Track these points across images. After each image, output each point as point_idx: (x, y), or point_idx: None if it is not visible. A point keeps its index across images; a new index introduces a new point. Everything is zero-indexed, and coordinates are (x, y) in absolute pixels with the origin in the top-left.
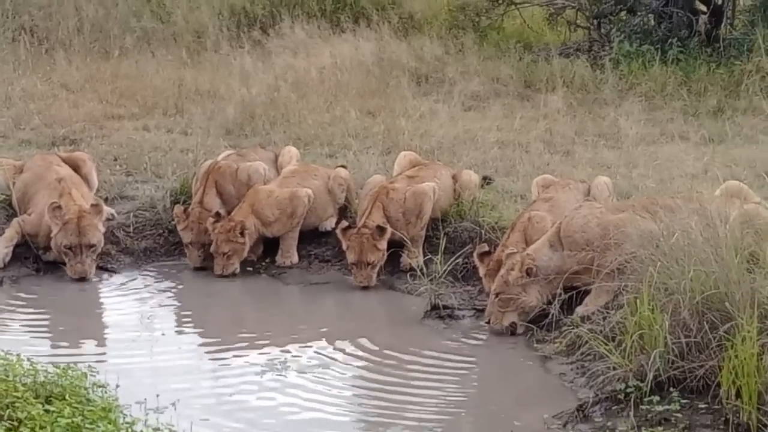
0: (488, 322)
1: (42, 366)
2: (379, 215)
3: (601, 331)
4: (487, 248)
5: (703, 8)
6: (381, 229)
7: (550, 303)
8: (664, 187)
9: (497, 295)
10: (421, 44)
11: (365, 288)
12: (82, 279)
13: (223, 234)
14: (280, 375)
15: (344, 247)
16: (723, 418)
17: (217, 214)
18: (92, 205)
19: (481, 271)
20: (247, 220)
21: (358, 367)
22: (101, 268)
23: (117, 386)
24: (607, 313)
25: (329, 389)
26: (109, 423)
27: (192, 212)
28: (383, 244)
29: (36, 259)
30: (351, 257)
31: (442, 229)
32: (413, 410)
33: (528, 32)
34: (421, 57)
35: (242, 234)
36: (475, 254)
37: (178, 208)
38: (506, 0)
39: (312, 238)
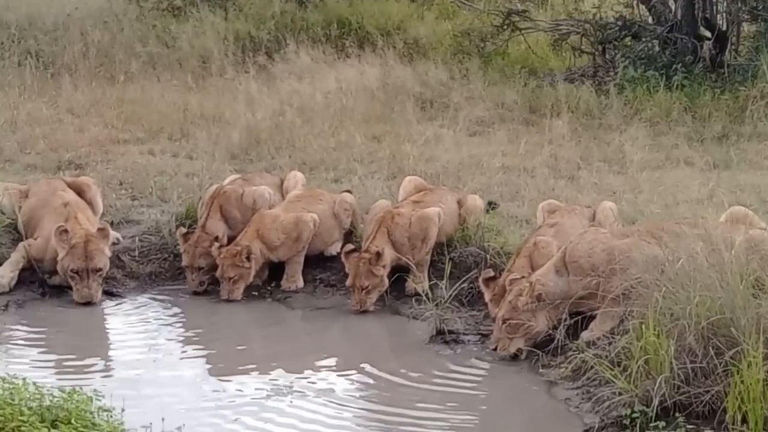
0: (495, 349)
1: (48, 390)
2: (383, 240)
3: (606, 356)
4: (492, 273)
5: (708, 34)
6: (378, 255)
7: (555, 328)
8: (670, 213)
9: (505, 321)
10: (426, 69)
11: (361, 312)
12: (89, 303)
13: (229, 259)
14: (285, 400)
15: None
16: None
17: (216, 238)
18: (99, 229)
19: (487, 297)
20: (253, 244)
21: (363, 392)
22: (107, 293)
23: (123, 410)
24: (613, 338)
25: (335, 414)
26: None
27: (192, 236)
28: (380, 270)
29: (41, 283)
30: (348, 281)
31: (447, 253)
32: None
33: (533, 58)
34: (426, 82)
35: (248, 259)
36: (480, 279)
37: (180, 231)
38: (511, 26)
39: (317, 262)
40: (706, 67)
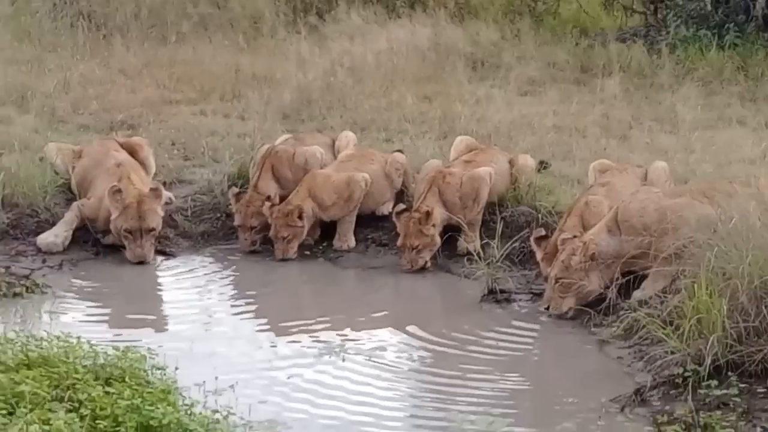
0: (547, 308)
1: (102, 348)
2: (434, 200)
3: (658, 316)
4: (543, 232)
5: None
6: (428, 214)
7: (607, 287)
8: (722, 172)
9: (558, 280)
10: (477, 29)
11: (412, 272)
12: (142, 262)
13: (282, 218)
14: (338, 358)
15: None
16: None
17: (268, 197)
18: (151, 189)
19: (539, 256)
20: (305, 204)
21: (415, 351)
22: (160, 252)
23: (176, 369)
24: (665, 297)
25: (386, 373)
26: (169, 405)
27: (244, 196)
28: (430, 230)
29: (95, 242)
30: (398, 240)
31: (498, 213)
32: (470, 394)
33: (584, 17)
34: (477, 42)
35: (300, 218)
36: (532, 239)
37: (233, 190)
38: None
39: (369, 222)
40: (759, 26)
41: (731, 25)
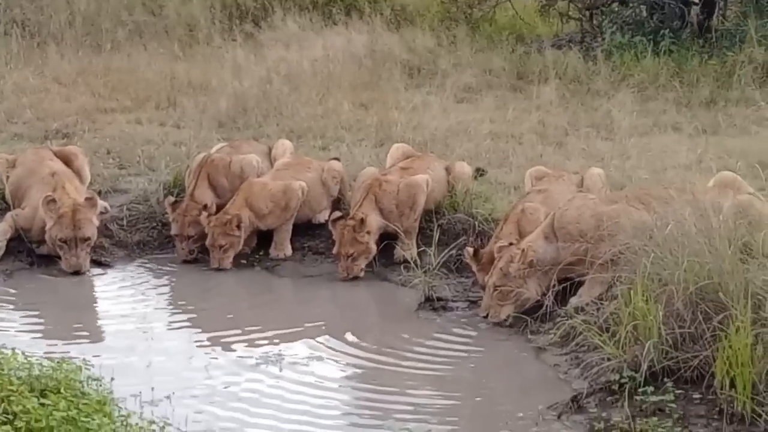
0: (486, 316)
1: (37, 359)
2: (370, 207)
3: (595, 322)
4: (475, 248)
5: None
6: (362, 222)
7: (544, 294)
8: (658, 178)
9: (496, 287)
10: (413, 36)
11: (348, 280)
12: (77, 272)
13: (220, 227)
14: (275, 368)
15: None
16: (717, 408)
17: (205, 206)
18: (86, 199)
19: (475, 267)
20: (242, 213)
21: (352, 359)
22: (95, 262)
23: (112, 379)
24: (601, 304)
25: (323, 381)
26: (105, 416)
27: (181, 204)
28: (365, 237)
29: (29, 252)
30: (334, 248)
31: (435, 220)
32: (408, 403)
33: (520, 24)
34: (413, 49)
35: (238, 227)
36: (465, 254)
37: (169, 199)
38: None
39: (306, 230)
40: (694, 32)
41: (666, 32)
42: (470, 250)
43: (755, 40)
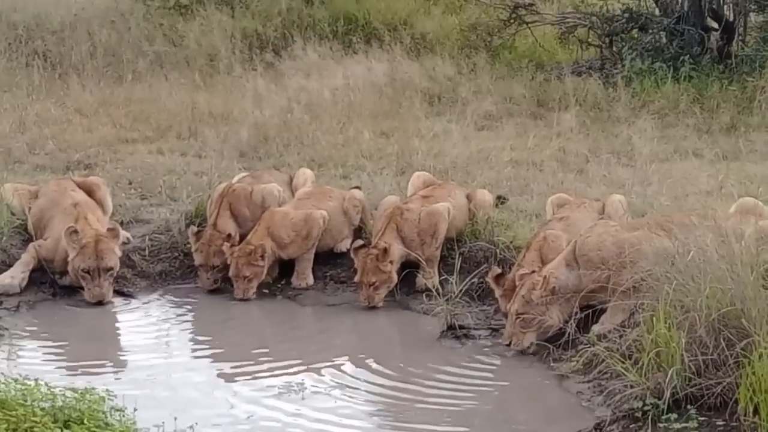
0: (508, 344)
1: (60, 390)
2: (392, 236)
3: (617, 350)
4: (500, 271)
5: (715, 25)
6: (385, 251)
7: (566, 322)
8: (679, 205)
9: (518, 315)
10: (433, 64)
11: (370, 308)
12: (100, 303)
13: (244, 257)
14: (297, 397)
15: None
16: None
17: (229, 236)
18: (109, 229)
19: (497, 293)
20: (265, 242)
21: (375, 388)
22: (118, 292)
23: (135, 410)
24: (624, 331)
25: (347, 411)
26: None
27: (204, 234)
28: (387, 266)
29: (52, 283)
30: (356, 277)
31: (457, 249)
32: (430, 430)
33: (540, 51)
34: (433, 77)
35: (262, 258)
36: (489, 277)
37: (192, 230)
38: (518, 19)
39: (327, 259)
40: (714, 58)
41: (686, 58)
42: (495, 270)
43: None
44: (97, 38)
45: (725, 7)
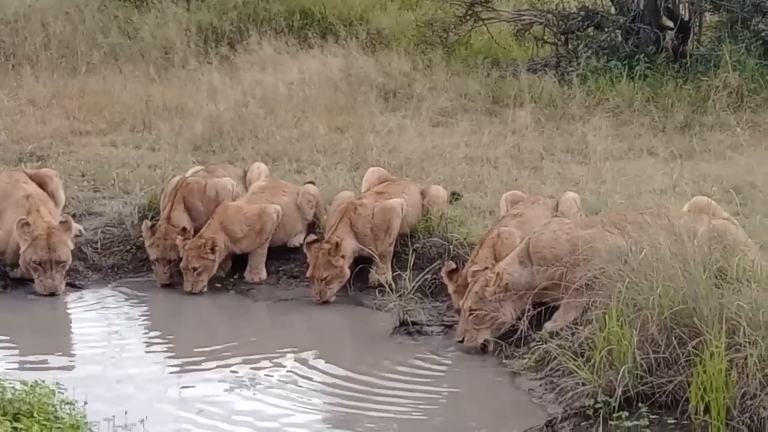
0: (461, 341)
1: (9, 383)
2: (345, 231)
3: (569, 347)
4: (454, 266)
5: (670, 24)
6: (337, 246)
7: (519, 319)
8: (633, 203)
9: (472, 312)
10: (388, 60)
11: (322, 303)
12: (52, 295)
13: (194, 250)
14: (249, 392)
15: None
16: None
17: (184, 229)
18: (61, 222)
19: (450, 288)
20: (217, 236)
21: (326, 383)
22: (69, 285)
23: (85, 403)
24: (576, 328)
25: (298, 406)
26: None
27: (159, 228)
28: (339, 261)
29: (3, 275)
30: (308, 272)
31: (410, 244)
32: (381, 427)
33: (496, 48)
34: (388, 73)
35: (213, 251)
36: (443, 272)
37: (146, 224)
38: (474, 16)
39: (280, 254)
40: (669, 57)
41: (641, 56)
42: (450, 265)
43: (730, 65)
44: (51, 29)
45: (681, 6)
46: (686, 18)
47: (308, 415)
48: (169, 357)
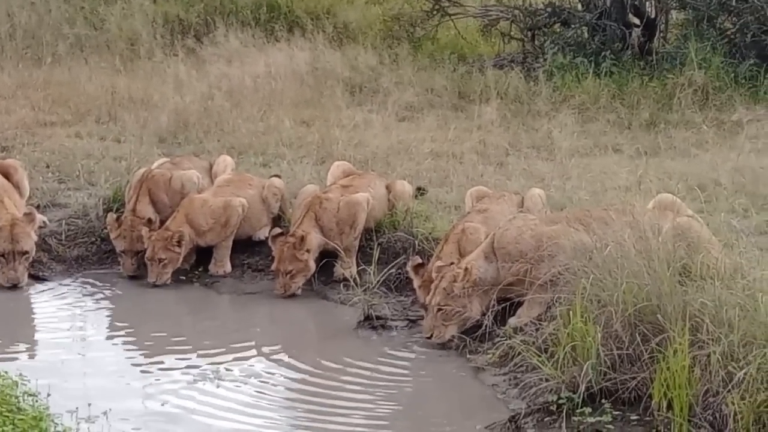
0: (429, 337)
1: None
2: (311, 225)
3: (533, 343)
4: (420, 260)
5: (637, 21)
6: (302, 239)
7: (483, 314)
8: (598, 200)
9: (440, 308)
10: (355, 54)
11: (287, 297)
12: (15, 286)
13: (161, 242)
14: (212, 385)
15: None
16: (654, 430)
17: (149, 220)
18: (25, 213)
19: (416, 283)
20: (183, 229)
21: (289, 377)
22: (33, 276)
23: (48, 395)
24: (540, 324)
25: (261, 399)
26: None
27: (125, 220)
28: (304, 255)
29: None
30: (273, 265)
31: (375, 239)
32: (344, 422)
33: (462, 43)
34: (355, 67)
35: (179, 244)
36: (408, 266)
37: (111, 216)
38: (441, 11)
39: (245, 247)
40: (635, 54)
41: (607, 53)
42: (416, 259)
43: (695, 63)
44: (16, 20)
45: (647, 3)
46: (652, 15)
47: (271, 410)
48: (132, 349)
